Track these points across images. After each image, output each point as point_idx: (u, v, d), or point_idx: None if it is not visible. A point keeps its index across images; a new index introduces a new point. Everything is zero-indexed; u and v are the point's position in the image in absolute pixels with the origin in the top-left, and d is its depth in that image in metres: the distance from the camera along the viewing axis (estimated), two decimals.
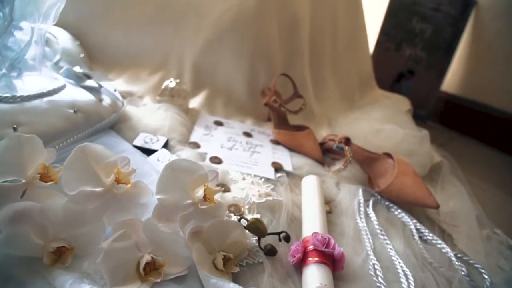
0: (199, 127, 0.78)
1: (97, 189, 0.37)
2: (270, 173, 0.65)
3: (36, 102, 0.48)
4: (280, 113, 0.85)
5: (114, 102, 0.65)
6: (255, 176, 0.61)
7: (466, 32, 1.25)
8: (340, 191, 0.64)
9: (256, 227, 0.41)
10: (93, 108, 0.57)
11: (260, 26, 0.88)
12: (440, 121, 1.38)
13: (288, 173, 0.67)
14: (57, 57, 0.75)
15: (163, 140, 0.63)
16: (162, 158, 0.57)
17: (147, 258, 0.36)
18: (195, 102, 0.89)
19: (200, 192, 0.39)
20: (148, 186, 0.41)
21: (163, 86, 0.79)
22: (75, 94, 0.55)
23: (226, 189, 0.55)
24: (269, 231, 0.45)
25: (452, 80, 1.35)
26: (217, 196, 0.42)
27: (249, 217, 0.47)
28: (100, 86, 0.63)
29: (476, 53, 1.28)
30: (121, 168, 0.40)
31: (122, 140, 0.59)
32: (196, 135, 0.74)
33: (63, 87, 0.54)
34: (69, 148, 0.44)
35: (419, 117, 1.27)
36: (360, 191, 0.64)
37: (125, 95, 0.85)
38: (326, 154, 0.80)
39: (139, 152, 0.58)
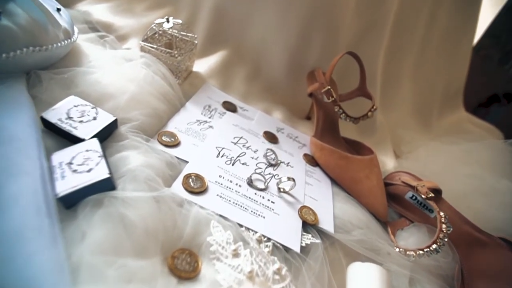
0: (195, 106, 0.47)
1: None
2: (294, 240, 0.33)
3: None
4: (330, 113, 0.53)
5: (42, 27, 0.34)
6: (262, 239, 0.30)
7: None
8: None
9: None
10: None
11: None
12: None
13: (321, 233, 0.36)
14: None
15: (105, 121, 0.32)
16: (78, 163, 0.27)
17: None
18: (202, 65, 0.57)
19: None
20: None
21: (153, 25, 0.48)
22: None
23: (188, 275, 0.24)
24: None
25: None
26: None
27: None
28: None
29: None
30: None
31: (18, 106, 0.29)
32: (182, 120, 0.42)
33: None
34: None
35: None
36: None
37: (101, 27, 0.55)
38: (389, 202, 0.48)
39: (36, 141, 0.27)
